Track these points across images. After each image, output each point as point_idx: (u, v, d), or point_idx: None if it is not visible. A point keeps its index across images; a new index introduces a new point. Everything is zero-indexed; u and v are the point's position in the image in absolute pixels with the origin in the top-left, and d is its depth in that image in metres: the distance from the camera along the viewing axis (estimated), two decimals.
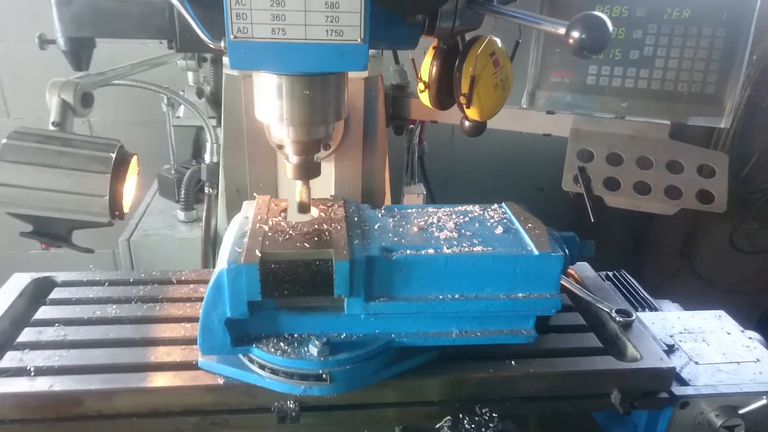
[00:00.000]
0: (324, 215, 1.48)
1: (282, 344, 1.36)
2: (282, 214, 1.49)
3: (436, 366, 1.46)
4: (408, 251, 1.35)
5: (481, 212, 1.56)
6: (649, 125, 2.12)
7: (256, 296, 1.28)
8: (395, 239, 1.40)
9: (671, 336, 1.80)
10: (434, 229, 1.46)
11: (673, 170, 2.12)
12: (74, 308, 1.63)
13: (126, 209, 1.49)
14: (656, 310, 2.04)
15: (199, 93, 2.33)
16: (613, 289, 1.95)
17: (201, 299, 1.69)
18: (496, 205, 1.60)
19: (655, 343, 1.59)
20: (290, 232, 1.39)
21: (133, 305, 1.67)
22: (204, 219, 2.35)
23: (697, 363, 1.66)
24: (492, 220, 1.51)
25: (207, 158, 2.31)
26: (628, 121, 2.16)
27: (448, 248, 1.36)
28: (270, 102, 1.38)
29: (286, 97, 1.36)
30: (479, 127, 1.74)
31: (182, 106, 2.57)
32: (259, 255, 1.27)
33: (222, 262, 1.31)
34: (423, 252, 1.35)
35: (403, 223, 1.48)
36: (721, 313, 1.94)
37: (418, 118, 2.44)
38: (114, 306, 1.66)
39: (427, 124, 2.68)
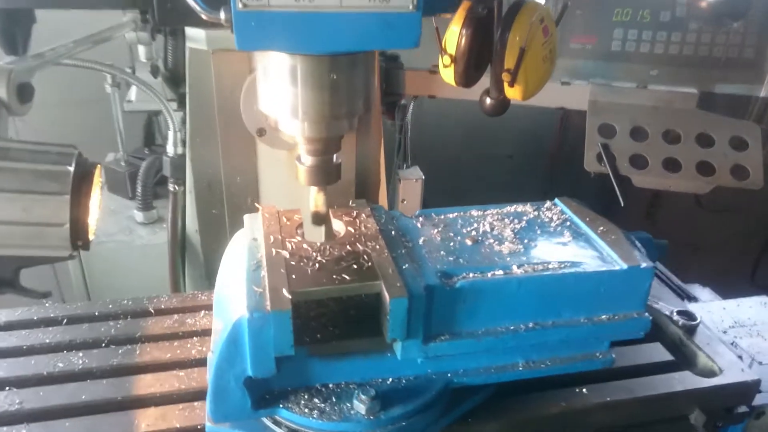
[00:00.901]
0: (353, 230, 1.17)
1: (316, 400, 1.07)
2: (299, 231, 1.18)
3: (495, 404, 1.21)
4: (471, 275, 1.08)
5: (536, 213, 1.30)
6: (675, 95, 1.90)
7: (287, 350, 0.97)
8: (451, 259, 1.12)
9: (724, 332, 1.62)
10: (491, 240, 1.18)
11: (704, 144, 1.93)
12: (27, 361, 1.28)
13: (92, 236, 1.14)
14: (692, 299, 1.86)
15: (154, 71, 1.94)
16: (656, 281, 1.75)
17: (190, 334, 1.37)
18: (548, 203, 1.34)
19: (728, 350, 1.40)
20: (317, 257, 1.08)
21: (105, 350, 1.33)
22: (169, 221, 1.99)
23: (761, 363, 1.49)
24: (554, 224, 1.25)
25: (169, 149, 1.93)
26: (651, 91, 1.94)
27: (518, 267, 1.09)
28: (280, 90, 1.06)
29: (303, 84, 1.04)
30: (504, 105, 1.45)
31: (133, 88, 2.15)
32: (289, 297, 0.96)
33: (237, 307, 0.99)
34: (490, 275, 1.08)
35: (451, 234, 1.20)
36: (766, 299, 1.78)
37: (415, 93, 2.14)
38: (80, 353, 1.31)
39: None
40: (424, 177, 2.16)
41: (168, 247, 2.00)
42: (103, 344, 1.35)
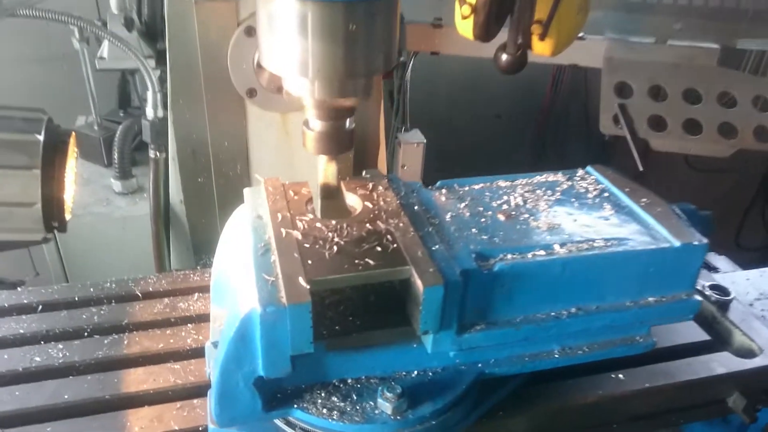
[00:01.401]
0: (370, 204, 1.03)
1: (335, 399, 0.95)
2: (309, 207, 1.03)
3: (527, 393, 1.10)
4: (510, 256, 0.95)
5: (569, 183, 1.17)
6: (696, 51, 1.77)
7: (305, 347, 0.84)
8: (485, 237, 0.99)
9: (751, 305, 1.53)
10: (525, 214, 1.05)
11: (725, 104, 1.81)
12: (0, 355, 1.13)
13: (68, 215, 0.98)
14: (713, 269, 1.77)
15: (128, 24, 1.73)
16: None
17: (183, 321, 1.23)
18: (581, 171, 1.22)
19: (764, 326, 1.31)
20: (334, 238, 0.94)
21: (87, 340, 1.18)
22: (151, 192, 1.82)
23: None
24: (591, 195, 1.12)
25: (149, 112, 1.75)
26: (671, 47, 1.80)
27: (560, 246, 0.97)
28: (286, 43, 0.90)
29: (315, 36, 0.88)
30: (523, 62, 1.31)
31: (105, 43, 1.94)
32: (307, 287, 0.83)
33: (245, 298, 0.85)
34: (530, 255, 0.95)
35: (480, 208, 1.07)
36: None
37: (416, 49, 1.97)
38: (60, 345, 1.16)
39: None
40: (425, 140, 2.01)
41: (150, 220, 1.84)
42: (86, 334, 1.20)
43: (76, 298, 1.27)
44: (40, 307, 1.25)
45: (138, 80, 2.12)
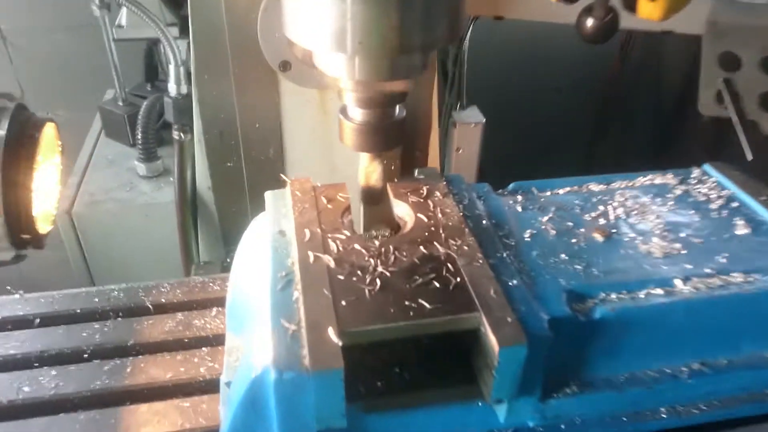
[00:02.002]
0: (425, 217, 0.79)
1: None
2: (346, 218, 0.80)
3: None
4: (614, 295, 0.70)
5: (684, 187, 0.90)
6: None
7: (336, 421, 0.62)
8: (579, 267, 0.74)
9: None
10: (630, 232, 0.80)
11: None
12: None
13: (48, 226, 0.78)
14: None
15: None
16: None
17: (198, 343, 1.04)
18: (696, 171, 0.94)
19: None
20: (378, 266, 0.71)
21: (86, 366, 1.00)
22: (176, 177, 1.63)
23: None
24: (715, 204, 0.85)
25: (171, 88, 1.55)
26: None
27: (683, 281, 0.71)
28: (317, 5, 0.66)
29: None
30: (613, 27, 1.03)
31: (124, 10, 1.75)
32: (339, 343, 0.60)
33: (257, 347, 0.64)
34: (643, 294, 0.70)
35: (569, 223, 0.81)
36: None
37: (476, 14, 1.69)
38: (54, 371, 0.98)
39: None
40: (484, 120, 1.75)
41: (176, 208, 1.65)
42: (85, 355, 1.02)
43: (78, 311, 1.09)
44: (38, 320, 1.07)
45: (163, 51, 1.93)
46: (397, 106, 0.80)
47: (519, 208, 0.84)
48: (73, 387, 0.95)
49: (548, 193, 0.88)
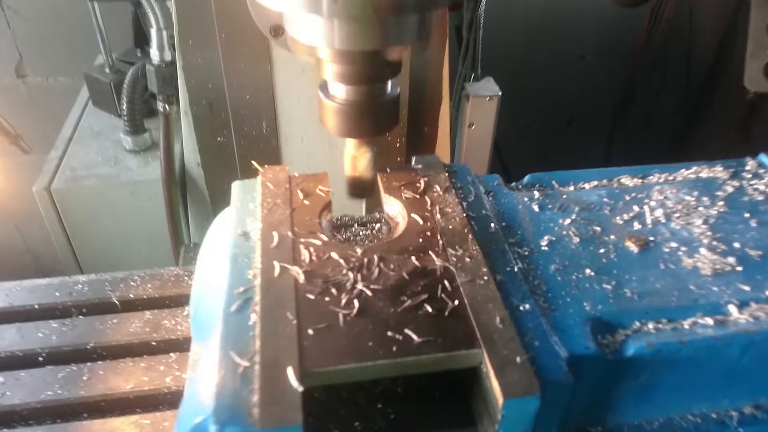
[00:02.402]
0: (420, 218, 0.65)
1: None
2: (324, 219, 0.67)
3: None
4: (651, 325, 0.56)
5: (736, 182, 0.74)
6: None
7: None
8: (607, 287, 0.59)
9: None
10: (672, 241, 0.65)
11: None
12: None
13: None
14: None
15: None
16: None
17: (165, 347, 0.92)
18: (751, 161, 0.79)
19: None
20: (358, 281, 0.57)
21: (38, 372, 0.88)
22: (162, 152, 1.50)
23: None
24: None
25: (154, 55, 1.40)
26: None
27: (738, 308, 0.57)
28: None
29: None
30: None
31: None
32: (300, 389, 0.47)
33: (200, 394, 0.51)
34: (686, 324, 0.56)
35: (597, 227, 0.67)
36: None
37: None
38: (2, 377, 0.87)
39: None
40: (500, 93, 1.58)
41: (162, 186, 1.52)
42: (40, 359, 0.90)
43: (36, 306, 0.97)
44: None
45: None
46: (390, 82, 0.65)
47: (536, 208, 0.69)
48: (20, 396, 0.84)
49: (571, 189, 0.73)
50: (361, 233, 0.88)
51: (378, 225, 0.74)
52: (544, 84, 3.16)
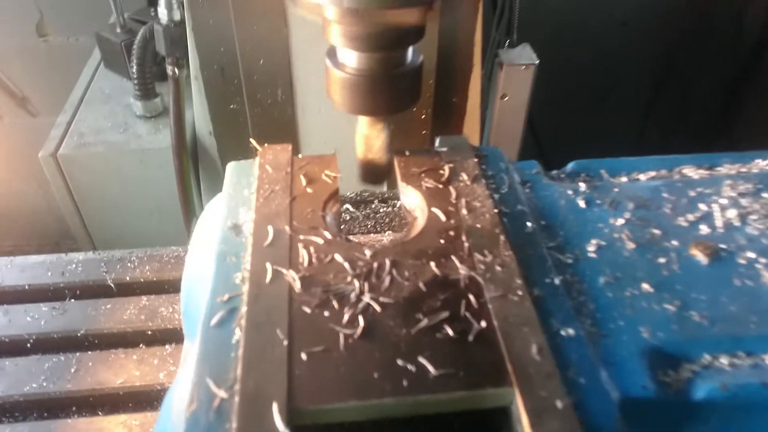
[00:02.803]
0: (443, 214, 0.54)
1: None
2: (329, 211, 0.56)
3: None
4: (726, 360, 0.45)
5: None
6: None
7: None
8: (670, 307, 0.48)
9: None
10: (748, 249, 0.53)
11: None
12: None
13: None
14: None
15: None
16: None
17: (162, 337, 0.84)
18: None
19: None
20: (364, 292, 0.47)
21: (23, 362, 0.82)
22: (172, 118, 1.41)
23: None
24: None
25: (162, 14, 1.30)
26: None
27: None
28: None
29: None
30: None
31: None
32: None
33: (175, 424, 0.42)
34: None
35: (656, 231, 0.55)
36: None
37: None
38: None
39: None
40: (537, 61, 1.44)
41: (172, 155, 1.44)
42: (28, 345, 0.84)
43: (26, 287, 0.91)
44: None
45: None
46: (411, 49, 0.54)
47: (581, 203, 0.58)
48: (2, 388, 0.78)
49: (624, 180, 0.62)
50: (381, 210, 0.79)
51: (399, 202, 0.65)
52: (581, 53, 2.96)
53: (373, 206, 0.80)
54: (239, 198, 0.57)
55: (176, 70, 1.36)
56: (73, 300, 0.90)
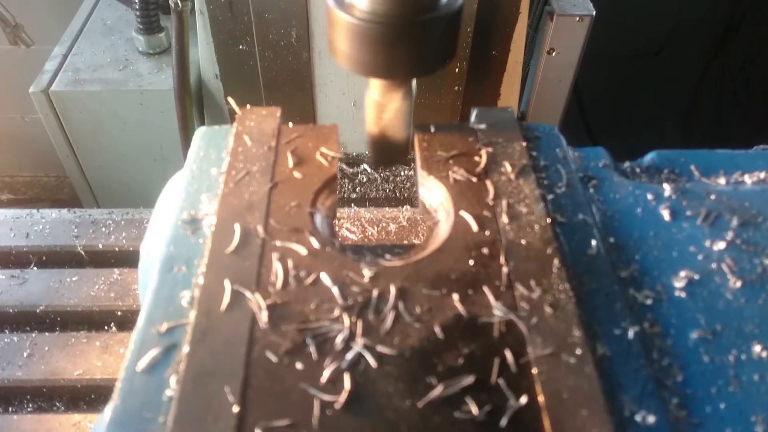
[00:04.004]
0: (476, 223, 0.39)
1: None
2: (323, 204, 0.42)
3: None
4: None
5: None
6: None
7: None
8: None
9: None
10: None
11: None
12: None
13: None
14: None
15: None
16: None
17: (131, 318, 0.72)
18: None
19: None
20: (355, 337, 0.33)
21: None
22: (174, 58, 1.26)
23: None
24: None
25: None
26: None
27: None
28: None
29: None
30: None
31: None
32: None
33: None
34: None
35: (750, 243, 0.39)
36: None
37: None
38: None
39: None
40: (594, 12, 1.24)
41: (175, 99, 1.29)
42: None
43: None
44: None
45: None
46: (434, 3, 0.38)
47: (665, 214, 0.42)
48: None
49: (722, 182, 0.46)
50: (402, 173, 0.65)
51: (405, 171, 0.50)
52: (637, 4, 2.67)
53: (394, 168, 0.65)
54: (204, 179, 0.43)
55: (179, 2, 1.19)
56: (35, 268, 0.77)
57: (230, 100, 0.50)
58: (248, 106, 0.48)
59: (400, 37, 0.39)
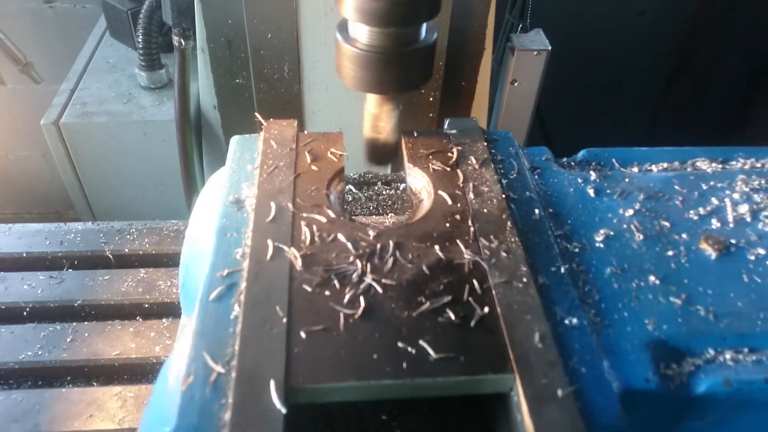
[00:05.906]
0: (448, 197, 0.53)
1: None
2: (333, 190, 0.55)
3: None
4: (729, 355, 0.44)
5: None
6: None
7: None
8: (677, 301, 0.48)
9: None
10: (757, 245, 0.53)
11: None
12: None
13: None
14: None
15: None
16: None
17: (159, 310, 0.84)
18: None
19: None
20: (366, 273, 0.46)
21: (20, 330, 0.82)
22: (176, 91, 1.39)
23: None
24: None
25: None
26: None
27: None
28: None
29: None
30: None
31: None
32: (282, 410, 0.37)
33: (165, 400, 0.42)
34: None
35: (666, 223, 0.55)
36: None
37: None
38: None
39: None
40: (550, 48, 1.42)
41: (176, 128, 1.42)
42: (24, 314, 0.83)
43: (24, 254, 0.90)
44: None
45: None
46: (424, 26, 0.53)
47: (591, 192, 0.57)
48: (5, 353, 0.77)
49: (635, 170, 0.61)
50: (384, 192, 0.78)
51: (403, 185, 0.64)
52: (595, 40, 2.91)
53: (376, 188, 0.79)
54: (242, 172, 0.56)
55: (182, 41, 1.33)
56: (70, 270, 0.89)
57: (257, 115, 0.63)
58: (271, 120, 0.62)
59: (390, 63, 0.53)
